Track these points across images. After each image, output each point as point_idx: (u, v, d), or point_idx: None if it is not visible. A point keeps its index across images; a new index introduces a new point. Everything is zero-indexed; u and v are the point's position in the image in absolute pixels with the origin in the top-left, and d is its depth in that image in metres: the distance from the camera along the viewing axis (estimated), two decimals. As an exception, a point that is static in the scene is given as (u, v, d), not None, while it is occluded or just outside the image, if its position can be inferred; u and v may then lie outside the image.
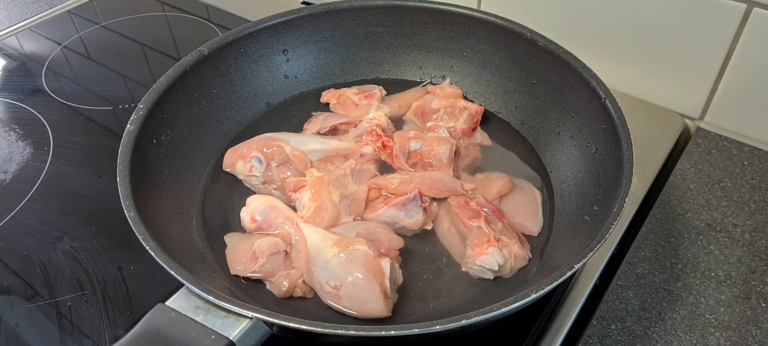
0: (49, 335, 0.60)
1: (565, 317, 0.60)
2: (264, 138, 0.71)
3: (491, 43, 0.80)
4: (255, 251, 0.60)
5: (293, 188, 0.68)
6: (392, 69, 0.86)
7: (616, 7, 0.83)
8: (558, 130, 0.73)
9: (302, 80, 0.84)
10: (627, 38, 0.85)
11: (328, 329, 0.46)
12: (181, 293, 0.49)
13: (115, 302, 0.63)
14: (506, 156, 0.76)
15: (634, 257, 0.67)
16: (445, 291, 0.61)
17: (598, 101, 0.66)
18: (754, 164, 0.79)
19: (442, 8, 0.80)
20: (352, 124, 0.77)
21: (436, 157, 0.71)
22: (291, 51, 0.82)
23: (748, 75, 0.78)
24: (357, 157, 0.71)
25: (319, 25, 0.82)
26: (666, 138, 0.81)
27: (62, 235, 0.70)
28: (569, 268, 0.49)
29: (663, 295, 0.63)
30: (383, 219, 0.65)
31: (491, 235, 0.61)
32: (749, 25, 0.75)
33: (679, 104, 0.86)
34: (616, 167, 0.60)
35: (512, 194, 0.70)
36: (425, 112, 0.79)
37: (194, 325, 0.46)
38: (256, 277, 0.60)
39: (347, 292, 0.57)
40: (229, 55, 0.77)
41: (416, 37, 0.84)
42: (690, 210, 0.73)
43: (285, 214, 0.63)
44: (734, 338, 0.60)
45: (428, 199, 0.66)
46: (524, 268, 0.62)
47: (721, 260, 0.67)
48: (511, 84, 0.80)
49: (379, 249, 0.59)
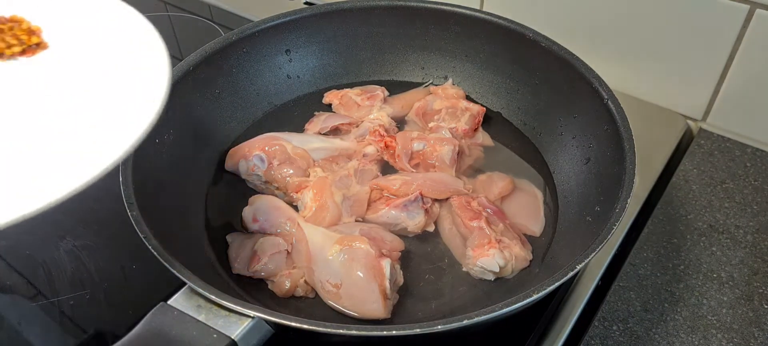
0: (52, 334, 0.60)
1: (567, 318, 0.60)
2: (266, 137, 0.72)
3: (493, 44, 0.80)
4: (257, 250, 0.60)
5: (295, 188, 0.68)
6: (394, 70, 0.87)
7: (619, 8, 0.83)
8: (560, 131, 0.73)
9: (305, 81, 0.84)
10: (629, 39, 0.85)
11: (330, 328, 0.46)
12: (183, 293, 0.49)
13: (117, 301, 0.63)
14: (508, 157, 0.76)
15: (636, 258, 0.67)
16: (447, 291, 0.61)
17: (600, 102, 0.66)
18: (757, 166, 0.78)
19: (445, 9, 0.80)
20: (353, 125, 0.77)
21: (439, 158, 0.71)
22: (294, 51, 0.82)
23: (750, 76, 0.78)
24: (360, 158, 0.71)
25: (321, 25, 0.82)
26: (668, 139, 0.81)
27: (65, 234, 0.70)
28: (571, 268, 0.49)
29: (665, 296, 0.63)
30: (385, 220, 0.65)
31: (492, 236, 0.61)
32: (752, 27, 0.75)
33: (682, 105, 0.86)
34: (618, 168, 0.59)
35: (514, 194, 0.70)
36: (427, 113, 0.79)
37: (196, 324, 0.46)
38: (258, 276, 0.60)
39: (347, 291, 0.57)
40: (232, 56, 0.77)
41: (418, 37, 0.84)
42: (692, 211, 0.73)
43: (287, 214, 0.64)
44: (736, 339, 0.59)
45: (430, 200, 0.66)
46: (526, 268, 0.62)
47: (724, 262, 0.67)
48: (513, 85, 0.80)
49: (380, 249, 0.59)
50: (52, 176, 0.41)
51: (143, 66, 0.50)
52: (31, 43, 0.52)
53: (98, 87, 0.49)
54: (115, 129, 0.45)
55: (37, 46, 0.52)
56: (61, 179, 0.41)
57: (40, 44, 0.53)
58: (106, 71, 0.51)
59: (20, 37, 0.52)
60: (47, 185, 0.40)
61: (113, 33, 0.54)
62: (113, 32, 0.54)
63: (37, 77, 0.51)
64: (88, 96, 0.48)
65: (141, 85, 0.48)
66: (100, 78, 0.50)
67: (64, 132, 0.45)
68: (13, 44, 0.52)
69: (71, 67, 0.52)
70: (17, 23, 0.53)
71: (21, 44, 0.52)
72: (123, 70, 0.50)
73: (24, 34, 0.53)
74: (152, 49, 0.52)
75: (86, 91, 0.49)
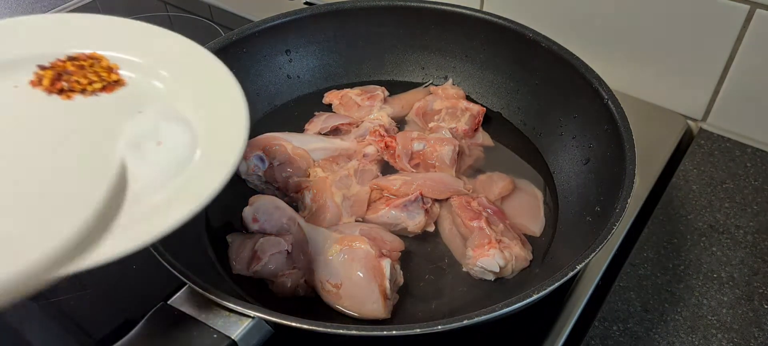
0: (52, 334, 0.60)
1: (567, 318, 0.60)
2: (266, 137, 0.72)
3: (494, 44, 0.80)
4: (257, 250, 0.60)
5: (295, 188, 0.68)
6: (395, 70, 0.87)
7: (619, 8, 0.83)
8: (560, 131, 0.73)
9: (305, 81, 0.84)
10: (630, 39, 0.85)
11: (330, 329, 0.46)
12: (184, 293, 0.49)
13: (117, 300, 0.63)
14: (508, 157, 0.76)
15: (636, 258, 0.67)
16: (447, 292, 0.61)
17: (600, 102, 0.66)
18: (757, 166, 0.78)
19: (445, 9, 0.80)
20: (353, 125, 0.77)
21: (439, 158, 0.71)
22: (294, 51, 0.83)
23: (751, 76, 0.78)
24: (360, 158, 0.71)
25: (322, 25, 0.82)
26: (668, 139, 0.81)
27: (65, 234, 0.70)
28: (571, 269, 0.49)
29: (665, 296, 0.63)
30: (385, 220, 0.65)
31: (492, 236, 0.61)
32: (752, 27, 0.75)
33: (682, 105, 0.86)
34: (618, 168, 0.60)
35: (514, 194, 0.70)
36: (427, 113, 0.79)
37: (196, 324, 0.47)
38: (258, 276, 0.60)
39: (347, 291, 0.57)
40: (232, 56, 0.77)
41: (419, 37, 0.84)
42: (692, 211, 0.73)
43: (287, 214, 0.63)
44: (736, 339, 0.59)
45: (430, 200, 0.66)
46: (526, 268, 0.62)
47: (724, 262, 0.67)
48: (513, 85, 0.80)
49: (380, 249, 0.59)
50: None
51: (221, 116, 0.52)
52: (111, 80, 0.54)
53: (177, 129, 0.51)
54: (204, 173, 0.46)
55: (115, 84, 0.54)
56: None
57: (118, 81, 0.54)
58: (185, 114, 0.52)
59: (100, 74, 0.54)
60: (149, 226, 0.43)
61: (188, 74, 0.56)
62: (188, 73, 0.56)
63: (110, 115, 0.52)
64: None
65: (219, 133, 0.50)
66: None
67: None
68: (94, 81, 0.53)
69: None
70: (97, 60, 0.55)
71: (101, 81, 0.53)
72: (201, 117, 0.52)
73: (104, 72, 0.54)
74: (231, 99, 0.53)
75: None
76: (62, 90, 0.52)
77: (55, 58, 0.54)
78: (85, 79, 0.53)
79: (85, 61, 0.54)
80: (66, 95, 0.52)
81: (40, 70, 0.53)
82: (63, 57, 0.54)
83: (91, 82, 0.53)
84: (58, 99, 0.52)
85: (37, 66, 0.53)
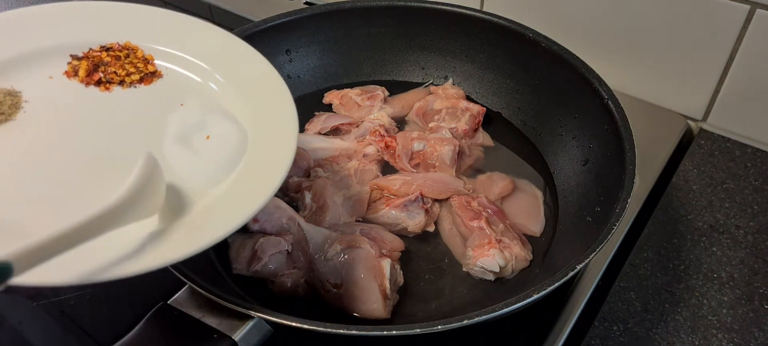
0: (52, 334, 0.60)
1: (567, 318, 0.60)
2: (266, 138, 0.72)
3: (494, 44, 0.80)
4: (257, 250, 0.60)
5: (295, 188, 0.68)
6: (395, 70, 0.87)
7: (619, 8, 0.83)
8: (560, 131, 0.73)
9: (305, 81, 0.84)
10: (630, 39, 0.85)
11: (330, 328, 0.46)
12: (184, 293, 0.49)
13: (118, 300, 0.63)
14: (508, 157, 0.76)
15: (636, 259, 0.67)
16: (447, 291, 0.61)
17: (600, 102, 0.66)
18: (757, 166, 0.78)
19: (445, 9, 0.80)
20: (353, 125, 0.77)
21: (439, 158, 0.71)
22: (294, 51, 0.82)
23: (751, 76, 0.78)
24: (360, 158, 0.71)
25: (322, 25, 0.82)
26: (668, 139, 0.81)
27: (65, 234, 0.70)
28: (571, 269, 0.49)
29: (665, 296, 0.63)
30: (385, 220, 0.65)
31: (492, 236, 0.61)
32: (752, 27, 0.75)
33: (682, 105, 0.86)
34: (618, 168, 0.59)
35: (514, 194, 0.70)
36: (427, 113, 0.79)
37: (197, 324, 0.47)
38: (259, 276, 0.60)
39: (347, 291, 0.57)
40: (232, 56, 0.77)
41: (419, 37, 0.84)
42: (693, 212, 0.73)
43: (287, 213, 0.63)
44: (737, 339, 0.59)
45: (430, 200, 0.66)
46: (526, 268, 0.62)
47: (724, 262, 0.67)
48: (513, 85, 0.80)
49: (380, 249, 0.59)
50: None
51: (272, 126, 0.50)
52: (148, 72, 0.52)
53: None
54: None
55: (152, 75, 0.52)
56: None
57: (155, 73, 0.52)
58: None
59: (137, 65, 0.52)
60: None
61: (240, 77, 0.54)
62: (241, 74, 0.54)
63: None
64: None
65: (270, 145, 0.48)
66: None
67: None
68: (132, 72, 0.51)
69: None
70: (132, 50, 0.53)
71: (139, 72, 0.52)
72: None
73: (140, 63, 0.52)
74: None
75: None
76: (100, 81, 0.50)
77: (87, 47, 0.52)
78: (122, 70, 0.51)
79: (120, 51, 0.53)
80: (104, 86, 0.50)
81: (74, 60, 0.51)
82: (96, 47, 0.52)
83: (129, 73, 0.51)
84: (97, 91, 0.50)
85: (69, 56, 0.51)
